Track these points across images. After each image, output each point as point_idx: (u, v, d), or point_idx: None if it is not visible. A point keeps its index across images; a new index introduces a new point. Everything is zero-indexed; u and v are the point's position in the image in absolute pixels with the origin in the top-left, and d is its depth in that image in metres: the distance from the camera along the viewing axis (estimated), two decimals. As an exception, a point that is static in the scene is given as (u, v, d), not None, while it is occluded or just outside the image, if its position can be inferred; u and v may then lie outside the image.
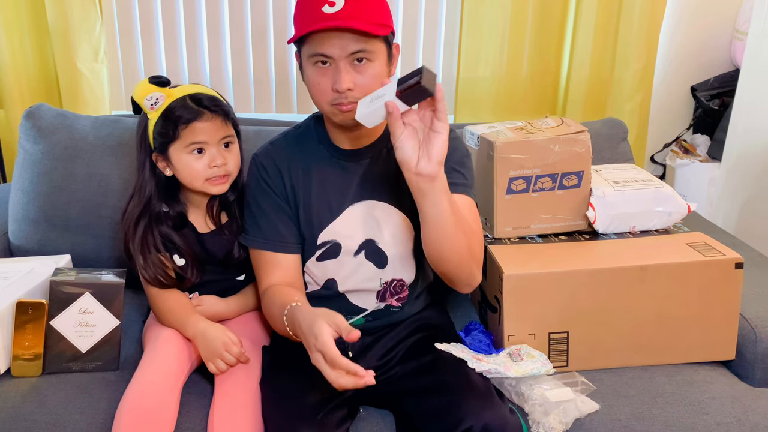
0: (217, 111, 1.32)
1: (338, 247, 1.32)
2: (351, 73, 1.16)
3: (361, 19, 1.13)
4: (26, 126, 1.69)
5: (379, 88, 1.09)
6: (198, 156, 1.32)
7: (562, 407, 1.20)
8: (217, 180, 1.34)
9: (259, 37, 2.28)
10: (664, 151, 2.50)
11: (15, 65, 2.16)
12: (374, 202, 1.31)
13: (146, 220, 1.36)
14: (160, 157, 1.34)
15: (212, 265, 1.41)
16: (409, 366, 1.28)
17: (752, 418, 1.26)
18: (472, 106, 2.30)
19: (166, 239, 1.37)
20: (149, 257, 1.35)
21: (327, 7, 1.13)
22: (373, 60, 1.18)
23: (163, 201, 1.37)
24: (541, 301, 1.33)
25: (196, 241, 1.40)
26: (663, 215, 1.48)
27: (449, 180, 1.27)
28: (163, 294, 1.37)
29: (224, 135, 1.34)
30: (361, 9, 1.14)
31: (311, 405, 1.17)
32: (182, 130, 1.29)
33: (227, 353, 1.24)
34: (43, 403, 1.24)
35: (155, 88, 1.30)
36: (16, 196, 1.69)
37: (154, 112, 1.30)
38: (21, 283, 1.38)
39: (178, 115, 1.29)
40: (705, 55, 2.38)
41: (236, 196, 1.40)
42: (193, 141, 1.30)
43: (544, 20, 2.22)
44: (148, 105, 1.30)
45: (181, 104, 1.30)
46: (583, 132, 1.43)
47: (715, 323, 1.37)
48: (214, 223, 1.41)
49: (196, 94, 1.32)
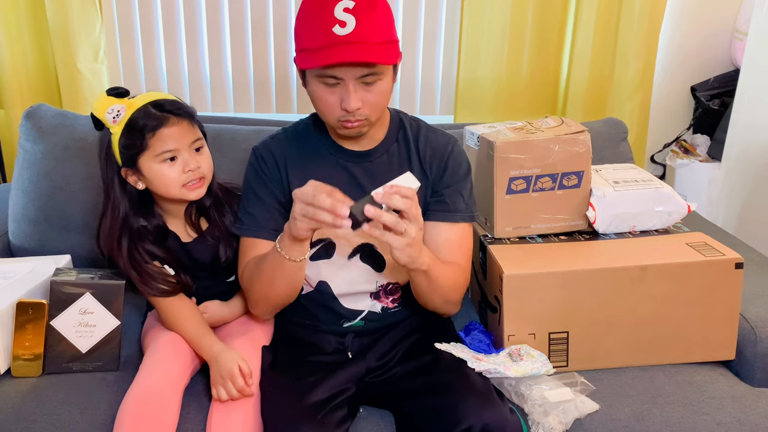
0: (182, 114, 1.28)
1: (332, 247, 1.32)
2: (360, 92, 1.16)
3: (373, 41, 1.13)
4: (26, 126, 1.69)
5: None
6: (170, 164, 1.28)
7: (561, 407, 1.20)
8: (194, 185, 1.30)
9: (259, 37, 2.28)
10: (664, 151, 2.50)
11: (15, 65, 2.16)
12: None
13: (127, 238, 1.31)
14: (129, 172, 1.30)
15: (201, 271, 1.39)
16: (409, 366, 1.28)
17: (752, 419, 1.26)
18: (472, 106, 2.30)
19: (150, 254, 1.34)
20: (144, 272, 1.31)
21: (338, 28, 1.12)
22: (382, 78, 1.18)
23: (140, 216, 1.33)
24: (541, 301, 1.33)
25: (182, 251, 1.38)
26: (663, 215, 1.48)
27: (450, 206, 1.30)
28: (171, 304, 1.34)
29: (193, 138, 1.30)
30: (373, 26, 1.13)
31: (311, 405, 1.17)
32: (150, 139, 1.25)
33: (231, 385, 1.20)
34: (43, 404, 1.24)
35: (115, 100, 1.26)
36: (16, 196, 1.69)
37: (117, 126, 1.26)
38: (21, 283, 1.38)
39: (143, 125, 1.25)
40: (705, 55, 2.38)
41: (212, 200, 1.38)
42: (164, 149, 1.26)
43: (544, 20, 2.22)
44: (110, 119, 1.25)
45: (144, 113, 1.25)
46: (583, 132, 1.43)
47: (716, 323, 1.37)
48: (195, 230, 1.38)
49: (157, 101, 1.28)
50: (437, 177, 1.32)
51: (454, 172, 1.32)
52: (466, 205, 1.33)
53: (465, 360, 1.24)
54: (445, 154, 1.32)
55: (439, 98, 2.39)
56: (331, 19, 1.12)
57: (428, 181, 1.32)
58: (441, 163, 1.31)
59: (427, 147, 1.32)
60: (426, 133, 1.34)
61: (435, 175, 1.32)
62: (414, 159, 1.32)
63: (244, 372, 1.21)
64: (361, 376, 1.29)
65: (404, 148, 1.32)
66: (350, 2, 1.12)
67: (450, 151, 1.32)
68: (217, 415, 1.19)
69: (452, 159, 1.32)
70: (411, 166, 1.31)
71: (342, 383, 1.24)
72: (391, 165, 1.31)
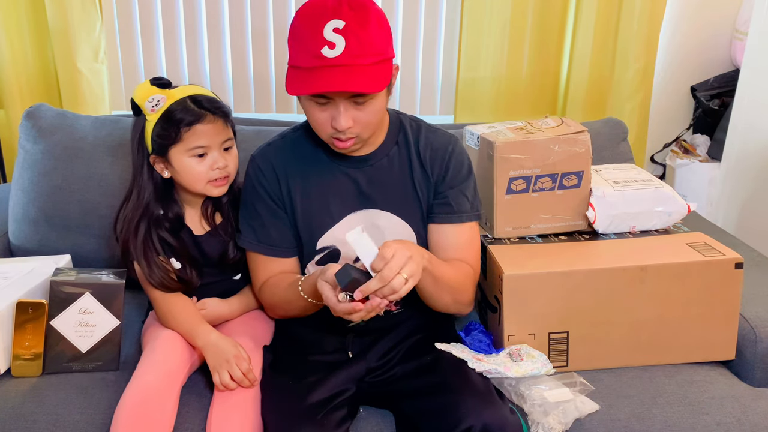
0: (218, 113, 1.31)
1: (337, 253, 1.32)
2: (351, 111, 1.14)
3: (363, 62, 1.09)
4: (26, 126, 1.69)
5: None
6: (200, 159, 1.30)
7: (561, 407, 1.20)
8: (219, 182, 1.33)
9: (260, 37, 2.27)
10: (664, 151, 2.50)
11: (15, 65, 2.16)
12: (376, 211, 1.31)
13: (146, 224, 1.34)
14: (158, 159, 1.33)
15: (208, 266, 1.40)
16: (410, 366, 1.28)
17: (752, 418, 1.26)
18: (472, 106, 2.30)
19: (164, 243, 1.36)
20: (152, 262, 1.33)
21: (327, 50, 1.09)
22: (375, 98, 1.15)
23: (160, 203, 1.35)
24: (540, 301, 1.33)
25: (193, 244, 1.39)
26: (663, 215, 1.48)
27: (454, 207, 1.30)
28: (168, 298, 1.35)
29: (225, 138, 1.33)
30: (363, 47, 1.10)
31: (311, 405, 1.17)
32: (184, 133, 1.28)
33: (236, 366, 1.22)
34: (43, 403, 1.24)
35: (157, 90, 1.30)
36: (16, 196, 1.68)
37: (154, 114, 1.29)
38: (21, 283, 1.37)
39: (179, 118, 1.27)
40: (705, 55, 2.38)
41: (230, 197, 1.39)
42: (196, 145, 1.29)
43: (543, 20, 2.22)
44: (149, 107, 1.29)
45: (182, 106, 1.28)
46: (583, 132, 1.43)
47: (715, 323, 1.37)
48: (210, 224, 1.40)
49: (197, 96, 1.31)
50: (439, 178, 1.31)
51: (456, 173, 1.31)
52: (471, 205, 1.32)
53: (465, 360, 1.24)
54: (446, 154, 1.31)
55: (439, 98, 2.39)
56: (320, 39, 1.09)
57: (430, 182, 1.31)
58: (442, 164, 1.31)
59: (428, 148, 1.31)
60: (426, 134, 1.33)
61: (437, 176, 1.31)
62: (415, 161, 1.31)
63: (243, 356, 1.24)
64: (361, 376, 1.29)
65: (404, 150, 1.31)
66: (340, 22, 1.08)
67: (451, 151, 1.31)
68: (217, 414, 1.19)
69: (454, 159, 1.31)
70: (412, 168, 1.31)
71: (342, 383, 1.24)
72: (391, 168, 1.31)
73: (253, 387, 1.23)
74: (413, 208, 1.31)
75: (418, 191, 1.31)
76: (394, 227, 1.31)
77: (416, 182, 1.31)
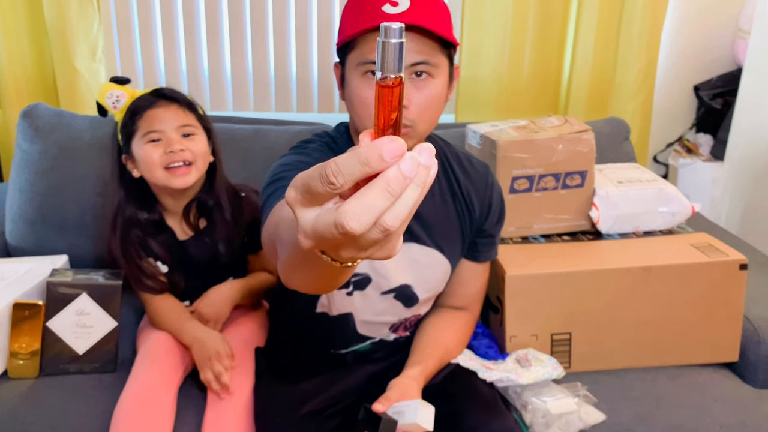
0: (175, 98, 1.31)
1: (367, 281, 1.17)
2: (409, 89, 0.97)
3: (430, 19, 0.94)
4: (23, 125, 1.67)
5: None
6: (154, 144, 1.28)
7: (564, 419, 1.19)
8: (179, 171, 1.28)
9: (259, 35, 2.26)
10: (666, 150, 2.49)
11: (12, 64, 2.15)
12: (415, 245, 1.16)
13: (121, 224, 1.33)
14: (128, 159, 1.32)
15: (197, 271, 1.38)
16: None
17: (756, 420, 1.25)
18: (474, 105, 2.29)
19: (145, 247, 1.34)
20: (133, 263, 1.33)
21: (389, 7, 0.94)
22: (435, 76, 1.00)
23: (136, 207, 1.34)
24: (543, 302, 1.32)
25: (178, 248, 1.37)
26: (667, 216, 1.46)
27: (484, 249, 1.23)
28: (155, 300, 1.35)
29: (182, 123, 1.30)
30: (428, 10, 0.95)
31: (305, 415, 1.15)
32: (138, 120, 1.29)
33: (217, 363, 1.21)
34: (40, 406, 1.23)
35: (114, 86, 1.31)
36: (12, 196, 1.67)
37: (119, 112, 1.31)
38: (18, 283, 1.36)
39: (135, 106, 1.29)
40: (708, 54, 2.37)
41: (215, 201, 1.36)
42: (150, 129, 1.28)
43: (545, 19, 2.21)
44: (110, 104, 1.31)
45: (140, 98, 1.30)
46: (586, 131, 1.41)
47: (719, 325, 1.36)
48: (192, 228, 1.37)
49: (161, 89, 1.32)
50: (481, 216, 1.20)
51: (497, 212, 1.21)
52: (495, 244, 1.25)
53: (473, 371, 1.22)
54: (486, 188, 1.20)
55: (439, 97, 2.37)
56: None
57: (472, 219, 1.19)
58: (483, 201, 1.19)
59: (468, 182, 1.18)
60: (463, 164, 1.19)
61: (478, 213, 1.19)
62: (457, 194, 1.18)
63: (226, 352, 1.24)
64: (361, 386, 1.22)
65: (444, 181, 1.17)
66: None
67: (491, 183, 1.21)
68: (211, 417, 1.18)
69: (495, 196, 1.20)
70: (455, 202, 1.18)
71: (339, 393, 1.20)
72: (432, 198, 1.16)
73: (223, 391, 1.20)
74: (452, 242, 1.18)
75: (463, 227, 1.19)
76: (437, 264, 1.18)
77: (460, 214, 1.19)
